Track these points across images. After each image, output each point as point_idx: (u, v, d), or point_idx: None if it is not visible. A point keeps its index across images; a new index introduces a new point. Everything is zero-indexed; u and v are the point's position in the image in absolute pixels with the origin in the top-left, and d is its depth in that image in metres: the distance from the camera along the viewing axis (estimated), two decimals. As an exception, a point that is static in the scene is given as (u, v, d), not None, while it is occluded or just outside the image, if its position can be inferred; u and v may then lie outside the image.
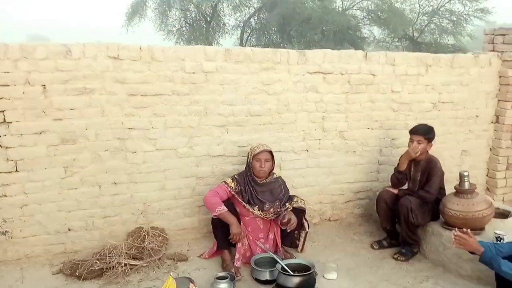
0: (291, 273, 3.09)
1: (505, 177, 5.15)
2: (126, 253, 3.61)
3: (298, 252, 3.95)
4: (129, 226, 3.87)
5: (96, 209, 3.75)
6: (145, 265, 3.61)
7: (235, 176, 3.73)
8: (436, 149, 4.80)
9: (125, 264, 3.50)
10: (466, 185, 3.62)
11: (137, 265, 3.57)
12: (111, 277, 3.38)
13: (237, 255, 3.64)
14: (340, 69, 4.26)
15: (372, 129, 4.55)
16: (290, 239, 3.86)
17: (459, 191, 3.64)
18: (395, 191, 4.03)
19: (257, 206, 3.68)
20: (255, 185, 3.71)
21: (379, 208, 4.06)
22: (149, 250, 3.69)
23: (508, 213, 3.92)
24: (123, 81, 3.62)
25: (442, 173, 3.93)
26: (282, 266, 3.13)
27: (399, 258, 3.86)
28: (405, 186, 4.11)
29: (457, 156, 5.00)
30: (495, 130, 5.09)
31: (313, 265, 3.15)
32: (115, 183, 3.76)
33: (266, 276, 3.31)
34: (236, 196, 3.66)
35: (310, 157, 4.38)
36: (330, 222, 4.62)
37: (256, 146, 3.72)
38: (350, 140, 4.49)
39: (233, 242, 3.61)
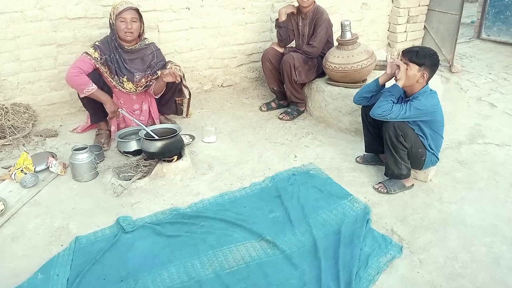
0: (156, 137, 2.91)
1: (405, 31, 5.02)
2: (-17, 133, 3.28)
3: (185, 118, 3.78)
4: (-15, 104, 3.45)
5: None
6: (7, 143, 3.30)
7: (97, 43, 3.18)
8: (333, 3, 4.51)
9: (-20, 145, 3.19)
10: (348, 35, 3.42)
11: (-4, 144, 3.26)
12: (-36, 159, 3.09)
13: (112, 127, 3.40)
14: None
15: (262, -20, 4.10)
16: (170, 107, 3.63)
17: (340, 43, 3.45)
18: (280, 49, 3.79)
19: (125, 77, 3.26)
20: (122, 52, 3.22)
21: (264, 68, 3.84)
22: (11, 127, 3.36)
23: (394, 64, 3.83)
24: None
25: (329, 25, 3.68)
26: (147, 132, 2.93)
27: (284, 117, 3.79)
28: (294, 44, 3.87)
29: (357, 10, 4.74)
30: (397, -21, 4.79)
31: (179, 128, 2.98)
32: (-47, 55, 3.22)
33: (133, 146, 3.12)
34: (102, 68, 3.19)
35: (193, 16, 3.94)
36: (223, 88, 4.41)
37: (119, 3, 3.13)
38: (237, -6, 4.05)
39: (110, 120, 3.34)
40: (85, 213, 2.60)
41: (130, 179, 2.82)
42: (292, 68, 3.56)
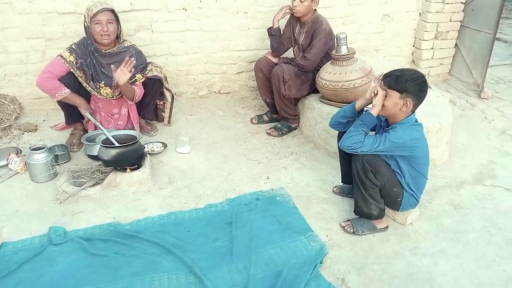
0: (116, 144, 2.76)
1: (432, 48, 4.52)
2: (-36, 122, 3.30)
3: (166, 125, 3.60)
4: (-28, 93, 3.48)
5: None
6: (-15, 135, 3.31)
7: (73, 46, 3.04)
8: (350, 12, 4.16)
9: (-43, 134, 3.20)
10: (343, 50, 3.07)
11: (-26, 135, 3.27)
12: None
13: (89, 131, 3.29)
14: None
15: (268, -15, 3.83)
16: (150, 110, 3.46)
17: (334, 58, 3.11)
18: (274, 59, 3.50)
19: (103, 82, 3.12)
20: (99, 56, 3.07)
21: (257, 78, 3.58)
22: (-10, 119, 3.36)
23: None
24: None
25: (330, 37, 3.32)
26: (105, 139, 2.77)
27: (272, 133, 3.51)
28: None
29: (377, 21, 4.32)
30: (426, -10, 4.32)
31: (140, 135, 2.81)
32: None
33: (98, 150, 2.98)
34: (77, 73, 3.05)
35: (190, 18, 3.75)
36: (221, 95, 4.18)
37: (92, 4, 2.97)
38: (239, -2, 3.80)
39: (87, 123, 3.26)
40: (25, 217, 2.50)
41: (81, 185, 2.69)
42: (281, 81, 3.27)
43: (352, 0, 4.11)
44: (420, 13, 4.43)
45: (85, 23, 3.01)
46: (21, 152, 3.04)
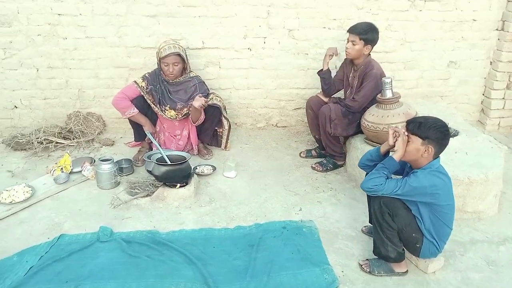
0: (169, 162, 3.14)
1: (503, 98, 4.32)
2: (59, 132, 3.96)
3: (224, 150, 3.94)
4: (68, 109, 4.15)
5: (35, 90, 4.06)
6: (72, 145, 3.92)
7: (146, 74, 3.58)
8: (412, 57, 4.22)
9: (51, 142, 3.85)
10: (388, 94, 3.15)
11: (63, 143, 3.90)
12: (35, 149, 3.75)
13: (154, 149, 3.75)
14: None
15: (329, 28, 4.05)
16: (209, 135, 3.82)
17: (379, 101, 3.20)
18: (325, 98, 3.68)
19: (168, 106, 3.60)
20: (168, 85, 3.58)
21: (307, 115, 3.77)
22: (78, 132, 3.99)
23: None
24: (46, -36, 3.65)
25: (381, 81, 3.41)
26: (160, 157, 3.17)
27: (316, 168, 3.64)
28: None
29: (442, 68, 4.29)
30: (498, 39, 4.19)
31: (189, 157, 3.16)
32: (50, 67, 3.99)
33: (156, 166, 3.39)
34: (146, 96, 3.55)
35: (254, 57, 4.11)
36: (277, 128, 4.44)
37: (162, 47, 3.45)
38: (301, 40, 4.07)
39: (148, 141, 3.75)
40: (85, 216, 2.94)
41: (134, 195, 3.09)
42: (328, 120, 3.43)
43: (415, 45, 4.15)
44: (491, 62, 4.29)
45: (157, 58, 3.52)
46: (94, 162, 3.57)
